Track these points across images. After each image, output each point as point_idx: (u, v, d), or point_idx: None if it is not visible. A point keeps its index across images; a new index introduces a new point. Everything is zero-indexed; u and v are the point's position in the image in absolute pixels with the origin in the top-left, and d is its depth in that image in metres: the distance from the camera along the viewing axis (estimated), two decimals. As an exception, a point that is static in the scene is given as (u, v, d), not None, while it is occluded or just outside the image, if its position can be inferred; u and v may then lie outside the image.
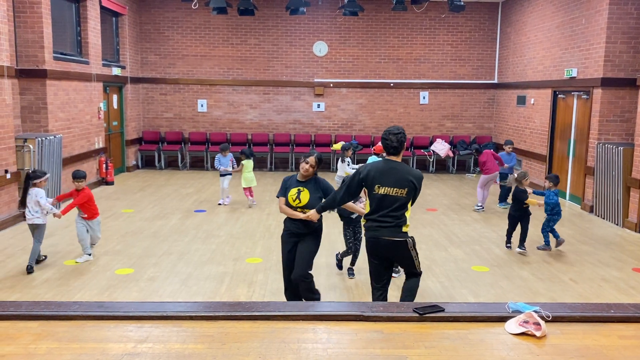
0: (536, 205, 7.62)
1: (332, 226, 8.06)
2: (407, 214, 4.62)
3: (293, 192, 5.09)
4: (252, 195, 10.35)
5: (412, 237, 4.68)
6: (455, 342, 2.99)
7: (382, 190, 4.52)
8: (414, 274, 4.82)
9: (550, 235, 7.80)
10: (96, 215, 7.04)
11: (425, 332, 3.12)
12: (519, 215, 7.64)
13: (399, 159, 4.61)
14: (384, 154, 4.78)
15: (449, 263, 7.16)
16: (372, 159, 9.62)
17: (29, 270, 6.47)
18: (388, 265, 4.85)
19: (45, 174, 6.89)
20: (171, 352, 2.84)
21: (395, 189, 4.49)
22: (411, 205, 4.65)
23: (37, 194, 6.59)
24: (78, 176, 6.84)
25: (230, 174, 10.40)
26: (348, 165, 9.83)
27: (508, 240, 7.83)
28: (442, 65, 15.32)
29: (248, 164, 10.12)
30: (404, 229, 4.61)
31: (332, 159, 14.88)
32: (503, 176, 10.66)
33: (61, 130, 10.37)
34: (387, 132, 4.57)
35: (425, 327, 3.18)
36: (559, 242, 7.74)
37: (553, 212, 7.71)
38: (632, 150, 9.11)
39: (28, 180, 6.77)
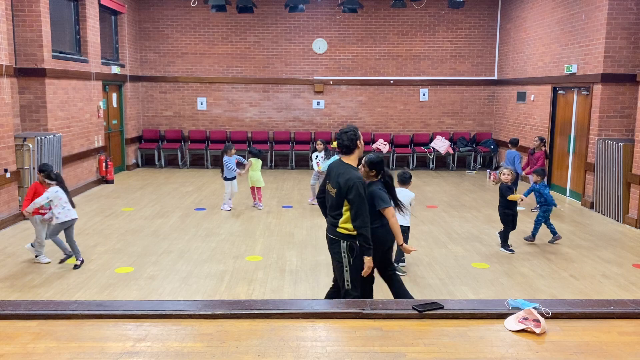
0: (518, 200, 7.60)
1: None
2: (343, 219, 4.43)
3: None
4: (259, 198, 9.99)
5: (351, 243, 4.43)
6: (455, 339, 2.99)
7: (328, 187, 4.65)
8: (342, 289, 4.52)
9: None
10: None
11: (424, 329, 3.12)
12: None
13: (350, 159, 4.52)
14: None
15: (448, 260, 7.15)
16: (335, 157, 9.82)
17: (78, 262, 6.65)
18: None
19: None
20: (170, 350, 2.83)
21: (331, 187, 4.54)
22: (351, 210, 4.35)
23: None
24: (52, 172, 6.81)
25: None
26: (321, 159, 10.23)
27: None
28: (441, 62, 15.30)
29: (256, 163, 9.81)
30: (339, 230, 4.46)
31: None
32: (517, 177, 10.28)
33: (61, 129, 10.37)
34: (340, 133, 4.54)
35: (424, 324, 3.18)
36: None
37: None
38: (632, 146, 9.09)
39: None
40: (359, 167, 4.72)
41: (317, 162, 10.22)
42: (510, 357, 2.80)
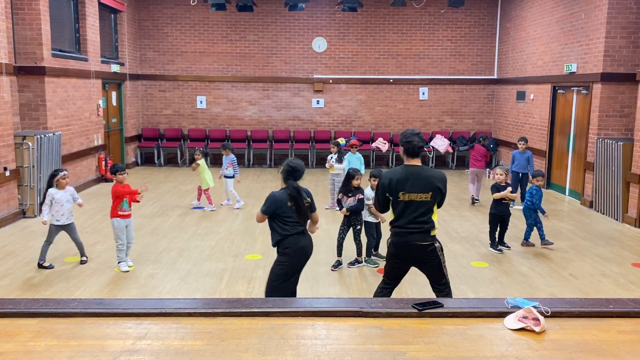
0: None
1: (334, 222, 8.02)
2: (434, 218, 4.49)
3: None
4: (208, 200, 9.75)
5: (438, 241, 4.57)
6: (455, 338, 2.99)
7: (406, 197, 4.40)
8: (442, 286, 4.56)
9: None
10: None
11: (424, 327, 3.12)
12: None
13: (418, 160, 4.49)
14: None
15: (448, 259, 7.09)
16: (349, 155, 9.58)
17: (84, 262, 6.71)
18: (407, 269, 4.71)
19: (62, 170, 6.62)
20: (170, 348, 2.84)
21: (420, 194, 4.38)
22: (437, 207, 4.52)
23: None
24: (121, 168, 6.59)
25: (231, 177, 9.89)
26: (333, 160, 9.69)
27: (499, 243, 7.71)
28: (441, 60, 15.29)
29: (202, 163, 9.66)
30: (432, 233, 4.48)
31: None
32: (523, 177, 10.01)
33: (60, 128, 10.36)
34: (409, 134, 4.42)
35: (424, 322, 3.18)
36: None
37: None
38: (631, 146, 9.10)
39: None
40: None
41: (330, 164, 9.68)
42: (510, 356, 2.81)
